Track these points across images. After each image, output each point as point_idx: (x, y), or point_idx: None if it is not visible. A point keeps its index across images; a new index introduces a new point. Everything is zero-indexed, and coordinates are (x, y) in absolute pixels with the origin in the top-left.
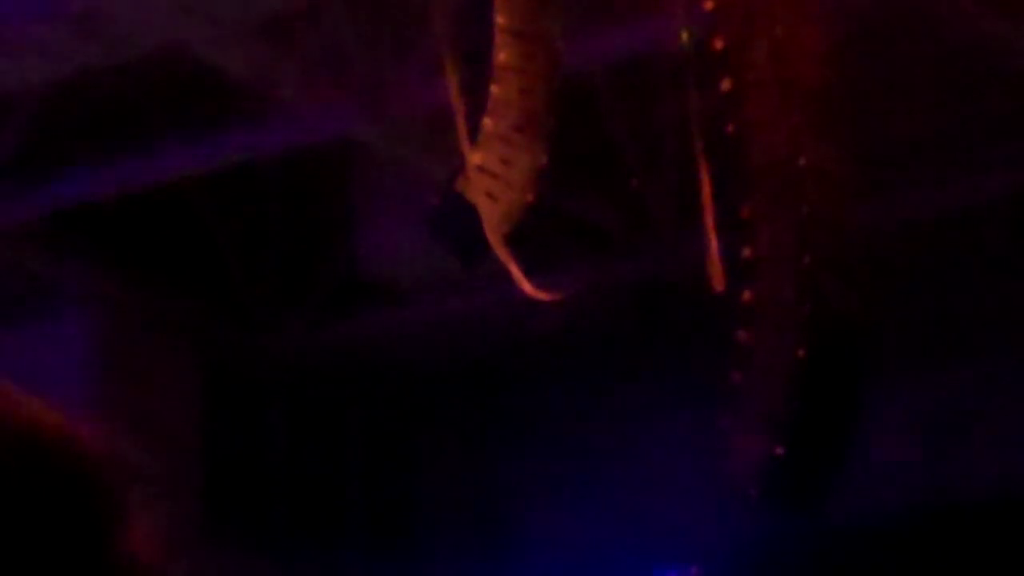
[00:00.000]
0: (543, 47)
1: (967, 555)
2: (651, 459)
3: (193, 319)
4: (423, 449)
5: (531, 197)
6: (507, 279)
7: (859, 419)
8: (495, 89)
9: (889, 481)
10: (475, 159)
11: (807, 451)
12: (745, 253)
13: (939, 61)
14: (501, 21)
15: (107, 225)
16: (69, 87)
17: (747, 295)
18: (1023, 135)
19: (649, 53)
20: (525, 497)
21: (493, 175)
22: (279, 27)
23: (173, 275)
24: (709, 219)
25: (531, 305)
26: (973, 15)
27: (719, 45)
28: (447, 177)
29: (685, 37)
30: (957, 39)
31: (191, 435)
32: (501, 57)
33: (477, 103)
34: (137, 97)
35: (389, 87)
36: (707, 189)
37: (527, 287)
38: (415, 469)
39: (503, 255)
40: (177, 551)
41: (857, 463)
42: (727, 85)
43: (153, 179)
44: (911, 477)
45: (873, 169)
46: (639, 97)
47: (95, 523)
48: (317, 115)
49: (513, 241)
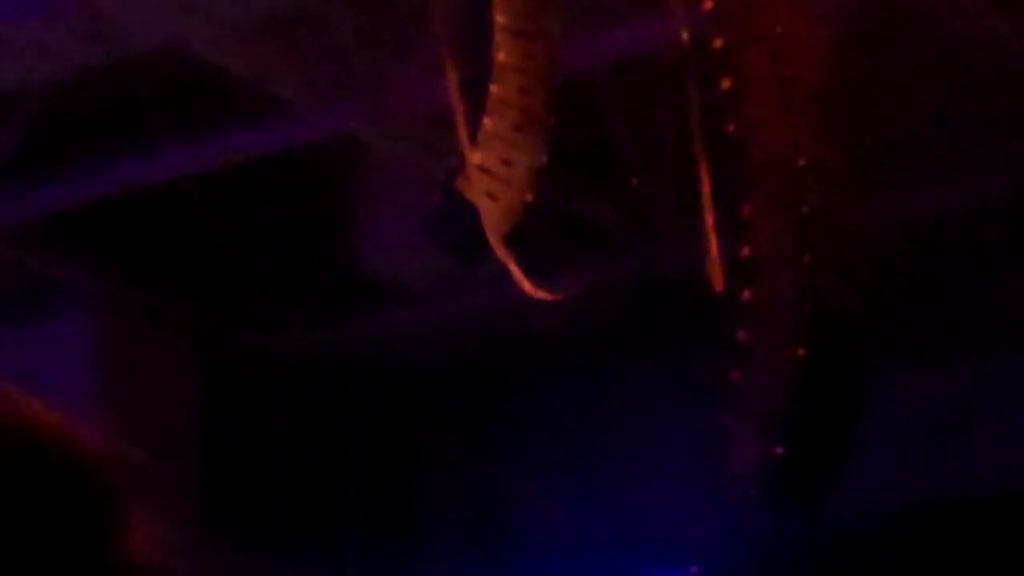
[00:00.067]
0: (543, 47)
1: (967, 555)
2: (651, 459)
3: (193, 319)
4: (423, 449)
5: (531, 197)
6: (507, 279)
7: (859, 419)
8: (495, 89)
9: (889, 481)
10: (475, 159)
11: (807, 451)
12: (745, 253)
13: (939, 61)
14: (501, 20)
15: (107, 225)
16: (69, 87)
17: (747, 295)
18: (1023, 134)
19: (649, 53)
20: (525, 497)
21: (493, 175)
22: (279, 27)
23: (173, 275)
24: (709, 219)
25: (531, 305)
26: (973, 15)
27: (719, 45)
28: (447, 177)
29: (685, 37)
30: (957, 39)
31: (191, 435)
32: (501, 57)
33: (477, 103)
34: (137, 97)
35: (389, 87)
36: (707, 189)
37: (527, 287)
38: (415, 469)
39: (503, 255)
40: (177, 551)
41: (857, 463)
42: (727, 85)
43: (153, 179)
44: (911, 477)
45: (873, 169)
46: (639, 97)
47: (95, 523)
48: (317, 115)
49: (513, 241)
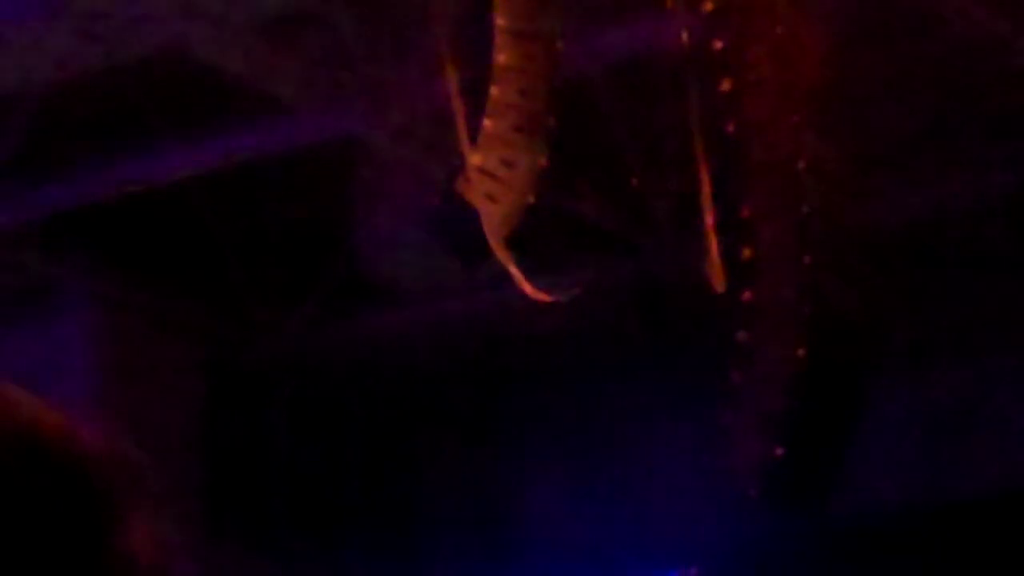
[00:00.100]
0: (543, 47)
1: (967, 554)
2: (651, 459)
3: (193, 319)
4: (423, 449)
5: (531, 198)
6: (507, 279)
7: (859, 419)
8: (495, 90)
9: (889, 480)
10: (475, 160)
11: (807, 451)
12: (745, 253)
13: (939, 61)
14: (501, 22)
15: (107, 225)
16: (69, 87)
17: (747, 295)
18: (1022, 134)
19: (649, 53)
20: (525, 497)
21: (493, 176)
22: (279, 27)
23: (173, 275)
24: (709, 219)
25: (531, 305)
26: (973, 15)
27: (719, 45)
28: (447, 178)
29: (685, 37)
30: (957, 39)
31: (191, 435)
32: (501, 58)
33: (477, 104)
34: (137, 97)
35: (389, 87)
36: (707, 189)
37: (527, 288)
38: (415, 469)
39: (503, 256)
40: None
41: (857, 462)
42: (727, 85)
43: (153, 179)
44: (911, 476)
45: (873, 169)
46: (639, 97)
47: (95, 523)
48: (317, 115)
49: (513, 242)
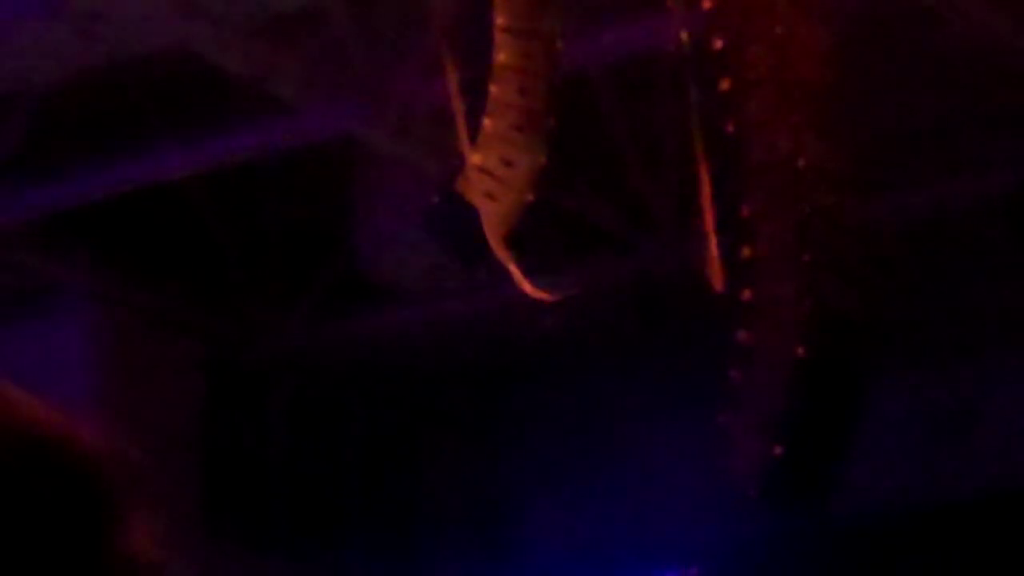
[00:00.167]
0: (543, 47)
1: (968, 554)
2: (651, 459)
3: (193, 319)
4: (423, 449)
5: (531, 197)
6: (507, 279)
7: (859, 418)
8: (494, 89)
9: (889, 480)
10: (474, 159)
11: (807, 450)
12: (745, 252)
13: (939, 60)
14: (500, 21)
15: (107, 225)
16: (69, 87)
17: (747, 295)
18: (1023, 134)
19: (649, 53)
20: (525, 497)
21: (492, 175)
22: (279, 27)
23: (173, 275)
24: (708, 219)
25: (531, 305)
26: (973, 15)
27: (718, 44)
28: (446, 177)
29: (685, 37)
30: (957, 39)
31: (191, 435)
32: (500, 57)
33: (477, 103)
34: (137, 97)
35: (389, 87)
36: (706, 188)
37: (527, 287)
38: (415, 469)
39: (502, 255)
40: (177, 551)
41: (857, 462)
42: (726, 84)
43: (153, 179)
44: (911, 476)
45: (873, 168)
46: (639, 97)
47: (94, 523)
48: (317, 115)
49: (513, 241)
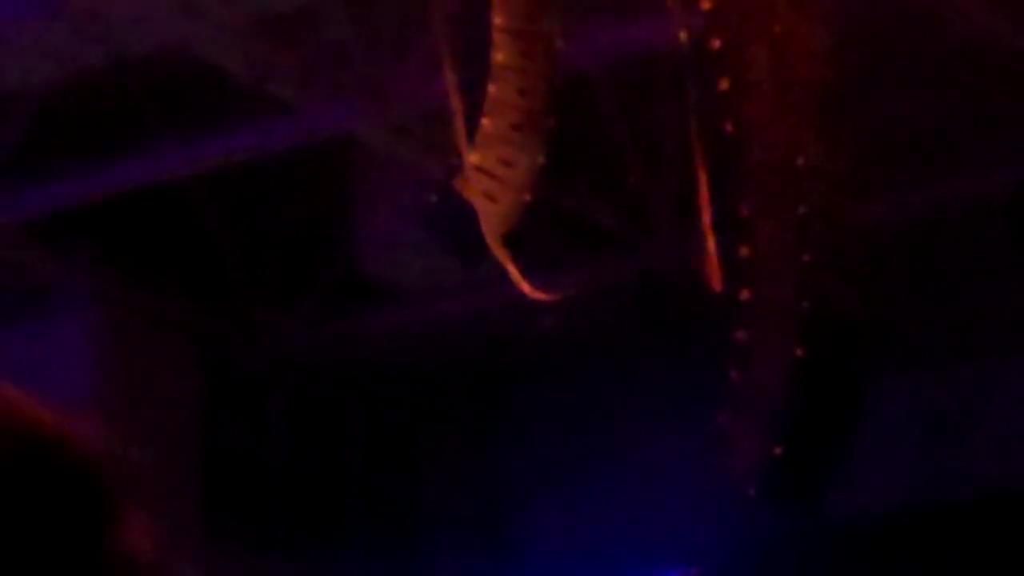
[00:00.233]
0: (542, 47)
1: (968, 554)
2: (651, 459)
3: (193, 319)
4: (423, 449)
5: (530, 197)
6: (507, 279)
7: (859, 418)
8: (493, 89)
9: (889, 480)
10: (473, 159)
11: (807, 450)
12: (744, 252)
13: (939, 60)
14: (499, 21)
15: (107, 225)
16: (69, 87)
17: (746, 294)
18: (1023, 134)
19: (649, 53)
20: (525, 497)
21: (491, 175)
22: (279, 27)
23: (173, 275)
24: (707, 218)
25: (531, 305)
26: (973, 15)
27: (717, 44)
28: (445, 177)
29: (684, 37)
30: (957, 39)
31: (191, 435)
32: (499, 57)
33: (476, 103)
34: (137, 97)
35: (389, 87)
36: (705, 188)
37: (526, 287)
38: (415, 469)
39: (501, 255)
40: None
41: (857, 462)
42: (725, 84)
43: (153, 179)
44: (911, 476)
45: (873, 168)
46: (639, 97)
47: (94, 523)
48: (317, 115)
49: (512, 241)
